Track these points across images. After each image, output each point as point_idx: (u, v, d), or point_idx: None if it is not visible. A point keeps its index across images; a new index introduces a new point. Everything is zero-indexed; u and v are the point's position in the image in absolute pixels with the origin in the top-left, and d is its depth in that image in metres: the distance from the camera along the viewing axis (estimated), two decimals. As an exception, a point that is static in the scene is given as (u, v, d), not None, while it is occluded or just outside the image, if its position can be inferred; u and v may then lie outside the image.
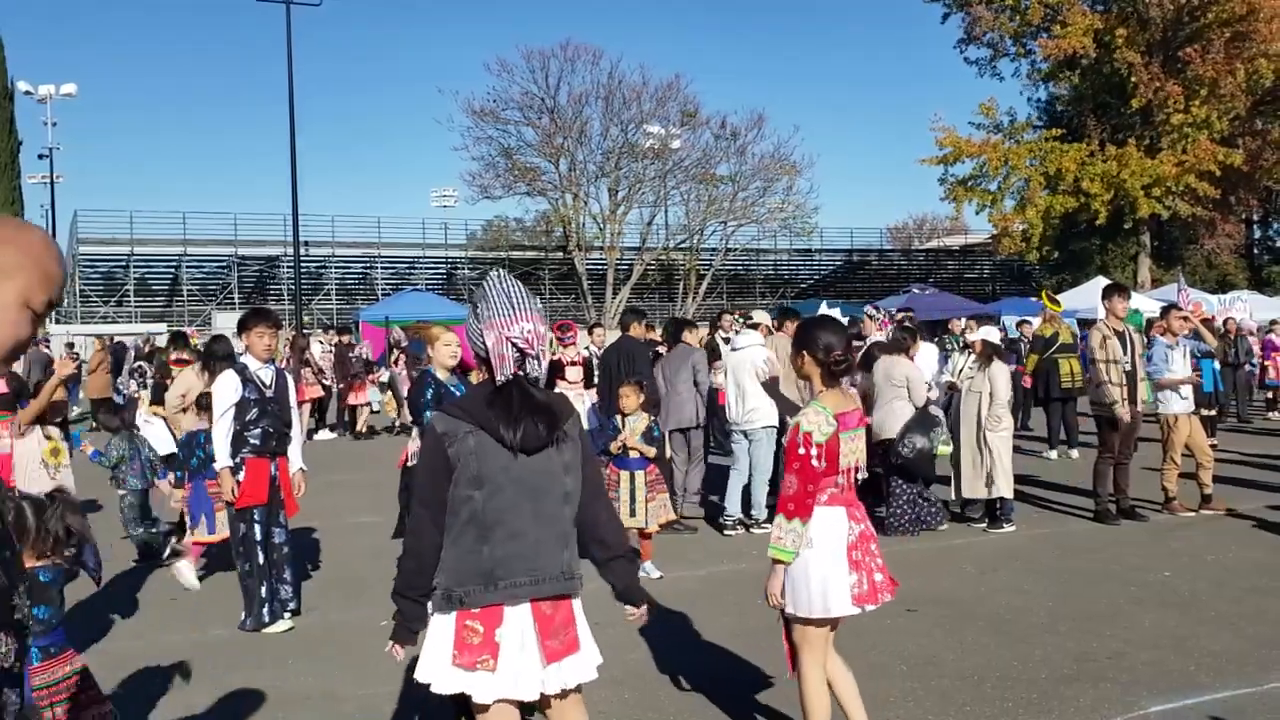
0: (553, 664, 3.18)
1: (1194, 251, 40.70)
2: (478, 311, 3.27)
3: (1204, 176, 32.38)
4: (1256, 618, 6.61)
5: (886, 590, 4.13)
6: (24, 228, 1.78)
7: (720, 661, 5.89)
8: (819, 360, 4.14)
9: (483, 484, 3.14)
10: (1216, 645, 6.04)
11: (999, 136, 36.07)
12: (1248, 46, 32.04)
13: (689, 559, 8.46)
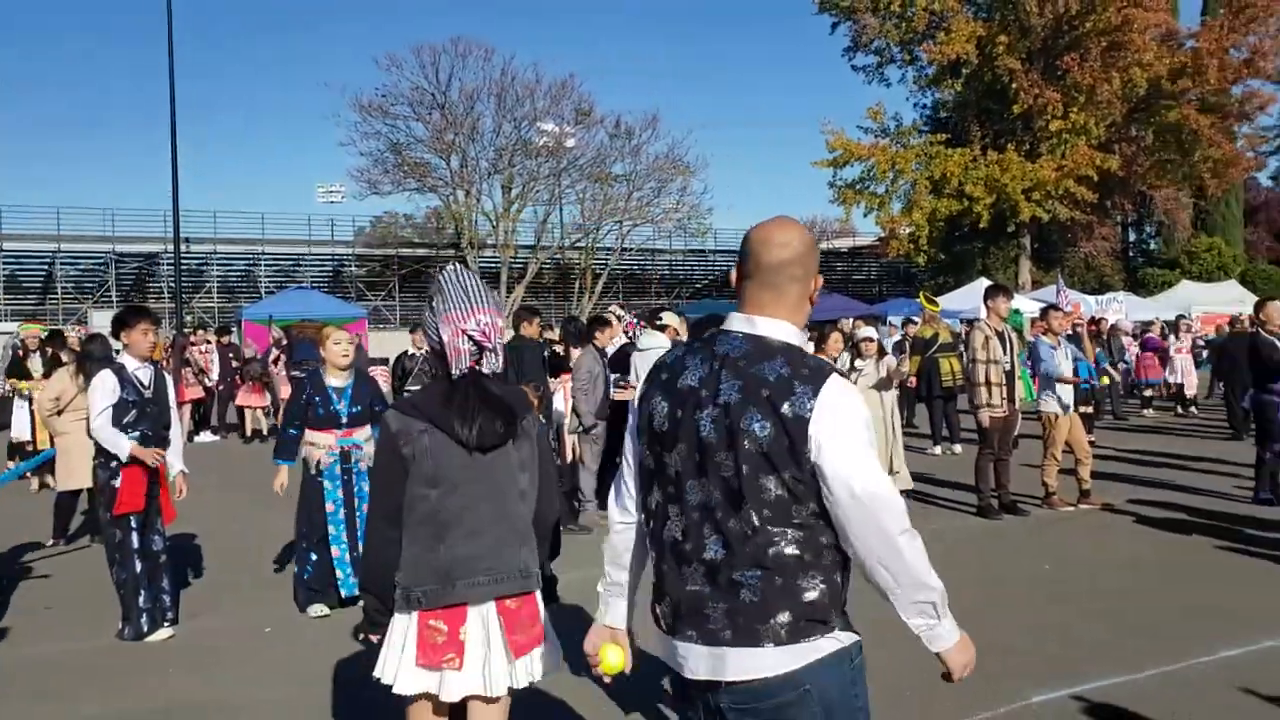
0: (521, 658, 3.17)
1: (1072, 254, 42.12)
2: (433, 305, 3.22)
3: (1082, 181, 33.54)
4: (1135, 609, 6.84)
5: None
6: None
7: None
8: None
9: (438, 483, 3.09)
10: (1097, 636, 6.22)
11: (886, 141, 36.85)
12: (1122, 56, 33.31)
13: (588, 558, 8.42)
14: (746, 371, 2.31)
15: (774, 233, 2.44)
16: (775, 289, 2.42)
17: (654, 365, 2.58)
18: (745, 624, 2.26)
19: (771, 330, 2.39)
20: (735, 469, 2.27)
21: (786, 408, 2.24)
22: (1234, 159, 36.25)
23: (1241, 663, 5.75)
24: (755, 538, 2.26)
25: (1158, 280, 39.53)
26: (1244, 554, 8.29)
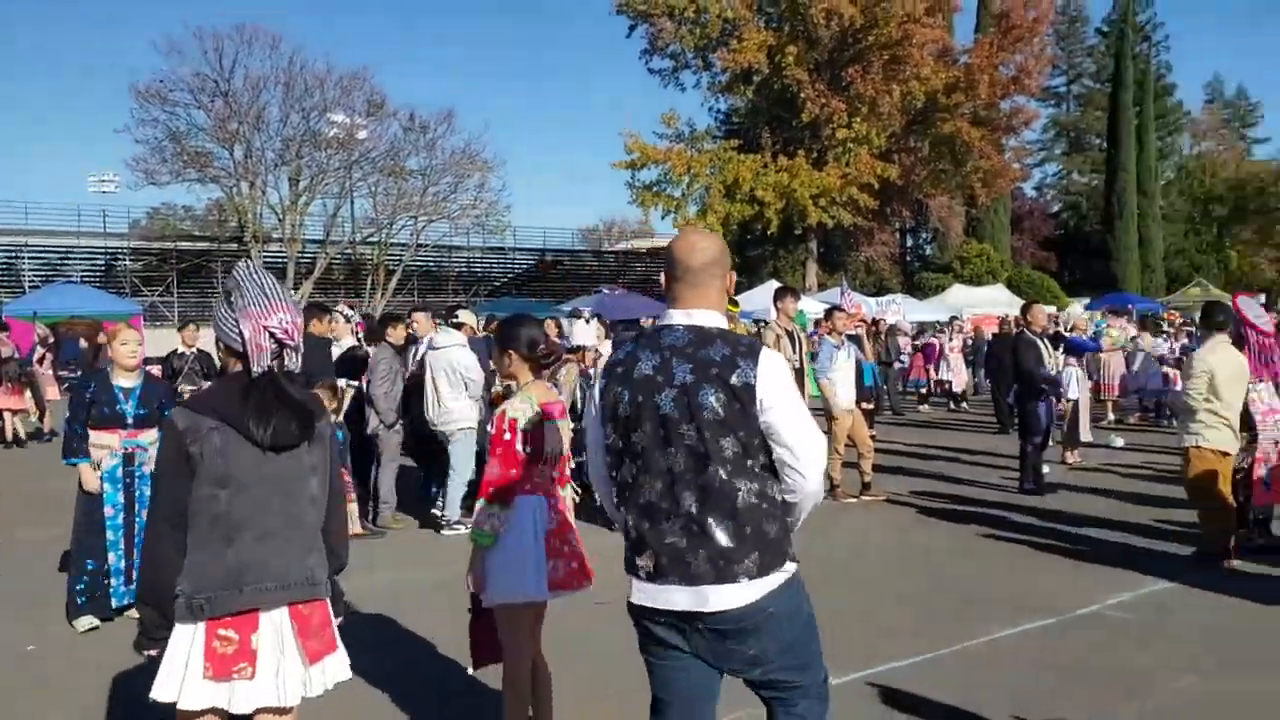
0: (315, 664, 3.09)
1: (855, 258, 43.97)
2: (231, 300, 3.12)
3: (864, 189, 35.00)
4: (919, 594, 7.11)
5: (583, 578, 4.23)
6: None
7: (422, 660, 5.69)
8: (525, 356, 4.24)
9: (228, 483, 2.97)
10: (889, 620, 6.44)
11: (682, 145, 37.46)
12: (902, 69, 34.98)
13: (396, 562, 8.13)
14: (695, 356, 2.87)
15: (696, 241, 3.03)
16: (703, 287, 2.98)
17: (608, 364, 3.09)
18: (724, 566, 2.82)
19: (706, 320, 2.94)
20: (698, 436, 2.82)
21: (735, 379, 2.81)
22: (1002, 170, 38.67)
23: (1016, 641, 6.05)
24: (722, 490, 2.81)
25: (932, 283, 41.73)
26: (1012, 541, 8.77)
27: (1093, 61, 65.80)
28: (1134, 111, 50.83)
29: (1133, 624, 6.40)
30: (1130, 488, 11.14)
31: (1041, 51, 38.05)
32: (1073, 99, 68.18)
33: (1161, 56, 63.12)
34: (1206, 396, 7.64)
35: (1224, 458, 7.72)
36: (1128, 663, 5.68)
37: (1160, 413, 17.40)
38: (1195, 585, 7.15)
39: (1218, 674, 5.48)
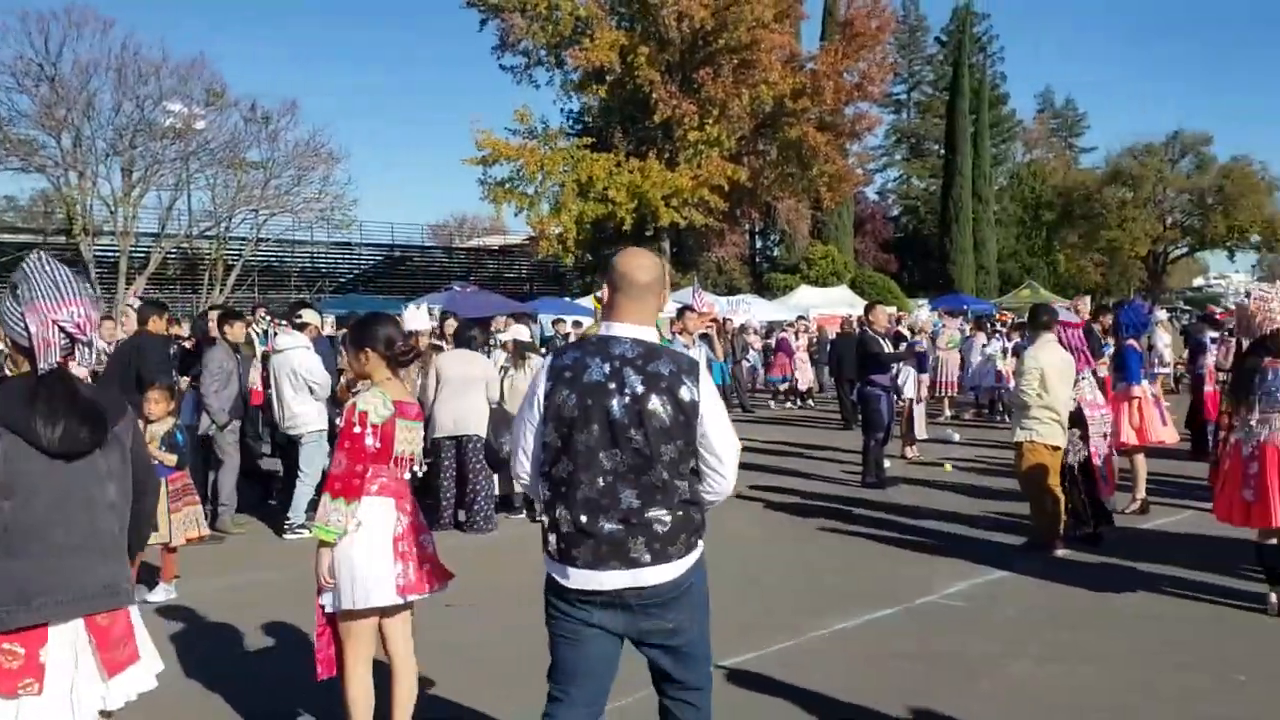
0: (115, 677, 2.91)
1: (706, 258, 44.49)
2: (18, 293, 2.89)
3: (715, 190, 35.45)
4: (769, 587, 7.21)
5: (437, 580, 4.16)
6: None
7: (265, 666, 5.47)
8: (383, 354, 4.16)
9: (12, 492, 2.75)
10: (737, 613, 6.47)
11: (535, 142, 37.24)
12: (752, 74, 35.55)
13: (236, 567, 7.81)
14: (645, 369, 3.20)
15: (643, 260, 3.38)
16: (644, 301, 3.33)
17: (553, 367, 3.30)
18: (660, 550, 3.19)
19: (648, 335, 3.30)
20: (645, 440, 3.16)
21: (683, 394, 3.20)
22: (846, 174, 39.77)
23: (860, 631, 6.20)
24: (662, 488, 3.18)
25: (780, 284, 42.60)
26: (855, 534, 9.00)
27: (932, 70, 68.33)
28: (970, 119, 53.00)
29: (969, 612, 6.63)
30: (965, 480, 11.57)
31: (884, 59, 39.25)
32: (913, 106, 70.64)
33: (996, 67, 66.11)
34: (1038, 393, 7.98)
35: (1054, 452, 8.07)
36: (965, 649, 5.88)
37: (993, 409, 18.14)
38: (1026, 573, 7.46)
39: (1049, 659, 5.72)
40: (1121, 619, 6.42)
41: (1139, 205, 57.75)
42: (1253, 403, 6.21)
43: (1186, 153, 60.05)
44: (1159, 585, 7.04)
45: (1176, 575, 7.24)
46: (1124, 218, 56.75)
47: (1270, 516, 6.08)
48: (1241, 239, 58.62)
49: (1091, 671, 5.49)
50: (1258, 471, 6.12)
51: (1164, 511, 9.46)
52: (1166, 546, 8.15)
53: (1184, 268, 76.58)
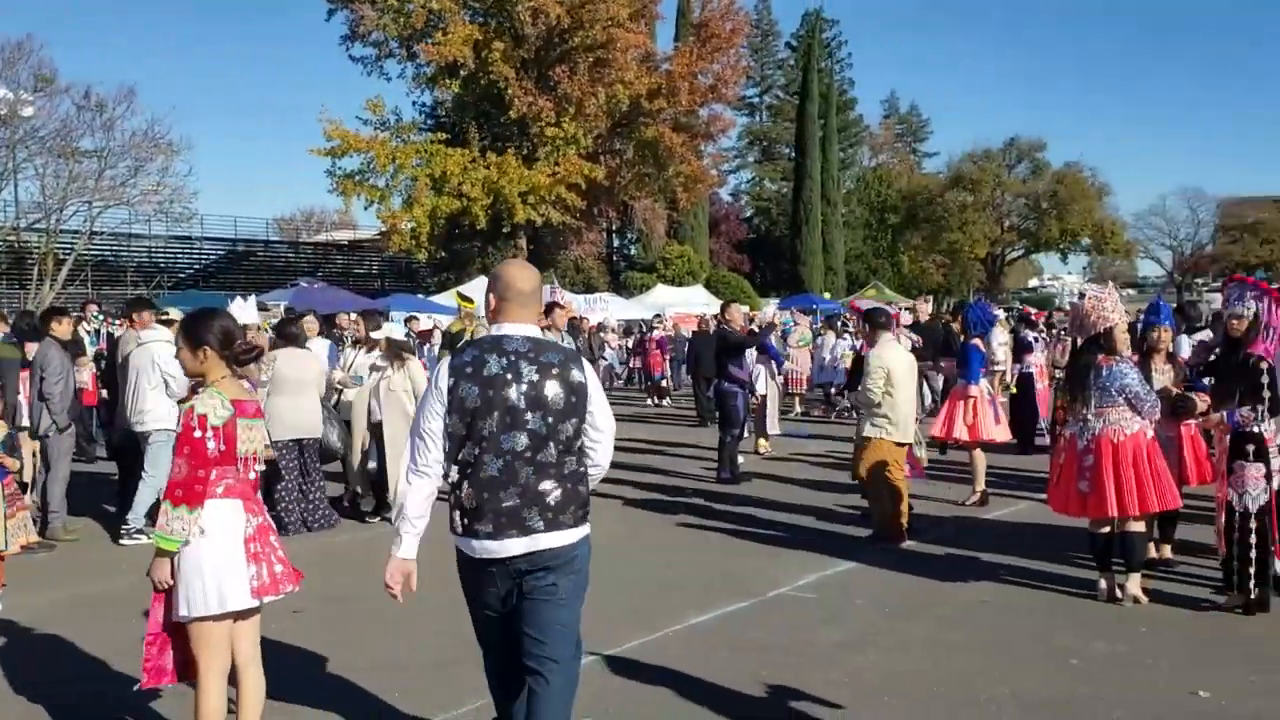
0: None
1: (564, 256, 44.44)
2: None
3: (572, 188, 35.33)
4: (625, 583, 7.18)
5: (289, 581, 4.06)
6: None
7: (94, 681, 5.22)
8: (221, 352, 4.01)
9: None
10: (592, 610, 6.43)
11: (386, 134, 36.45)
12: (608, 72, 35.56)
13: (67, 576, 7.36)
14: (537, 360, 3.67)
15: (526, 271, 3.91)
16: (529, 306, 3.83)
17: (454, 365, 3.70)
18: (554, 518, 3.65)
19: (535, 332, 3.79)
20: (542, 422, 3.62)
21: (574, 377, 3.70)
22: (701, 175, 40.19)
23: (713, 625, 6.24)
24: (556, 464, 3.66)
25: (637, 283, 42.88)
26: (709, 529, 9.07)
27: (783, 74, 69.81)
28: (819, 124, 54.37)
29: (819, 603, 6.75)
30: (816, 475, 11.81)
31: (737, 63, 39.77)
32: (765, 109, 72.04)
33: (845, 73, 67.99)
34: (886, 391, 8.19)
35: (899, 447, 8.30)
36: (815, 640, 5.98)
37: (834, 404, 18.53)
38: (874, 565, 7.65)
39: (895, 647, 5.86)
40: (964, 607, 6.63)
41: (978, 209, 60.21)
42: (1088, 398, 6.49)
43: (1022, 159, 62.93)
44: (999, 574, 7.30)
45: (1015, 564, 7.53)
46: (964, 221, 59.08)
47: (1106, 506, 6.37)
48: (1073, 242, 61.72)
49: (936, 658, 5.64)
50: (1093, 464, 6.41)
51: (1002, 503, 9.83)
52: (1006, 537, 8.46)
53: (1020, 269, 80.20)
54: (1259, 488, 6.13)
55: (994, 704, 4.99)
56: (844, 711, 4.92)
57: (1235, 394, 6.17)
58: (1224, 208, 72.06)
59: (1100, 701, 4.98)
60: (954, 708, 4.96)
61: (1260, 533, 6.12)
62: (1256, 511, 6.13)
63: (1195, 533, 7.61)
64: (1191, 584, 6.93)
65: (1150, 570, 6.91)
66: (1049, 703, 5.00)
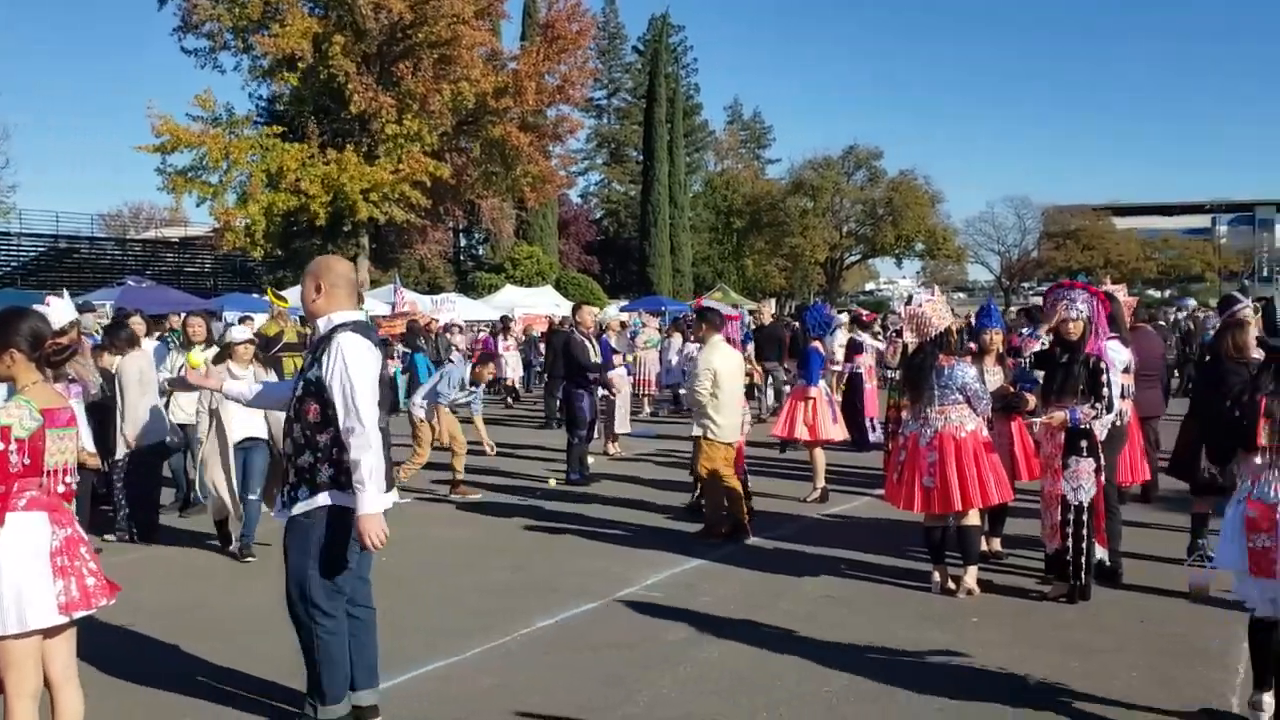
0: None
1: (409, 255, 43.67)
2: None
3: (417, 186, 34.70)
4: (472, 588, 7.08)
5: (103, 594, 3.83)
6: None
7: None
8: (30, 354, 3.75)
9: None
10: (429, 621, 6.31)
11: (219, 129, 35.07)
12: (452, 70, 35.06)
13: None
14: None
15: (345, 263, 4.71)
16: (355, 294, 4.58)
17: (373, 344, 4.45)
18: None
19: (349, 317, 4.48)
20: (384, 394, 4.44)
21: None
22: (550, 176, 40.05)
23: (560, 628, 6.19)
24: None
25: (485, 283, 42.46)
26: (558, 531, 9.01)
27: (630, 78, 70.24)
28: (666, 128, 54.94)
29: (666, 601, 6.77)
30: (664, 475, 11.89)
31: (584, 64, 39.79)
32: (613, 112, 72.36)
33: (691, 78, 68.87)
34: (713, 391, 8.30)
35: (727, 446, 8.42)
36: (662, 637, 6.00)
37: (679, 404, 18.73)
38: (720, 562, 7.73)
39: (741, 641, 5.92)
40: (806, 602, 6.75)
41: (819, 214, 61.80)
42: (931, 397, 6.71)
43: (860, 166, 64.86)
44: (839, 569, 7.48)
45: (854, 559, 7.72)
46: (805, 226, 60.56)
47: (950, 501, 6.59)
48: (908, 247, 63.94)
49: (779, 652, 5.73)
50: (937, 460, 6.63)
51: (842, 499, 10.08)
52: (845, 532, 8.68)
53: (858, 273, 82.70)
54: (1090, 482, 6.44)
55: (833, 695, 5.10)
56: (690, 707, 4.94)
57: (1074, 393, 6.44)
58: (1048, 215, 75.93)
59: (932, 690, 5.14)
60: (796, 699, 5.04)
61: (1087, 524, 6.42)
62: (1086, 505, 6.43)
63: (1017, 526, 7.94)
64: (1019, 575, 7.23)
65: (981, 562, 7.18)
66: (886, 693, 5.13)
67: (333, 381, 4.31)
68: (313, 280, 4.51)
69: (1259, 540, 4.39)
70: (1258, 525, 4.40)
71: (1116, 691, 5.09)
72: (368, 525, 4.26)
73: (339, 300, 4.46)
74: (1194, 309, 26.03)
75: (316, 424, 4.37)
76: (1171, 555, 7.40)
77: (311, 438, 4.40)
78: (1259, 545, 4.39)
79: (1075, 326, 6.53)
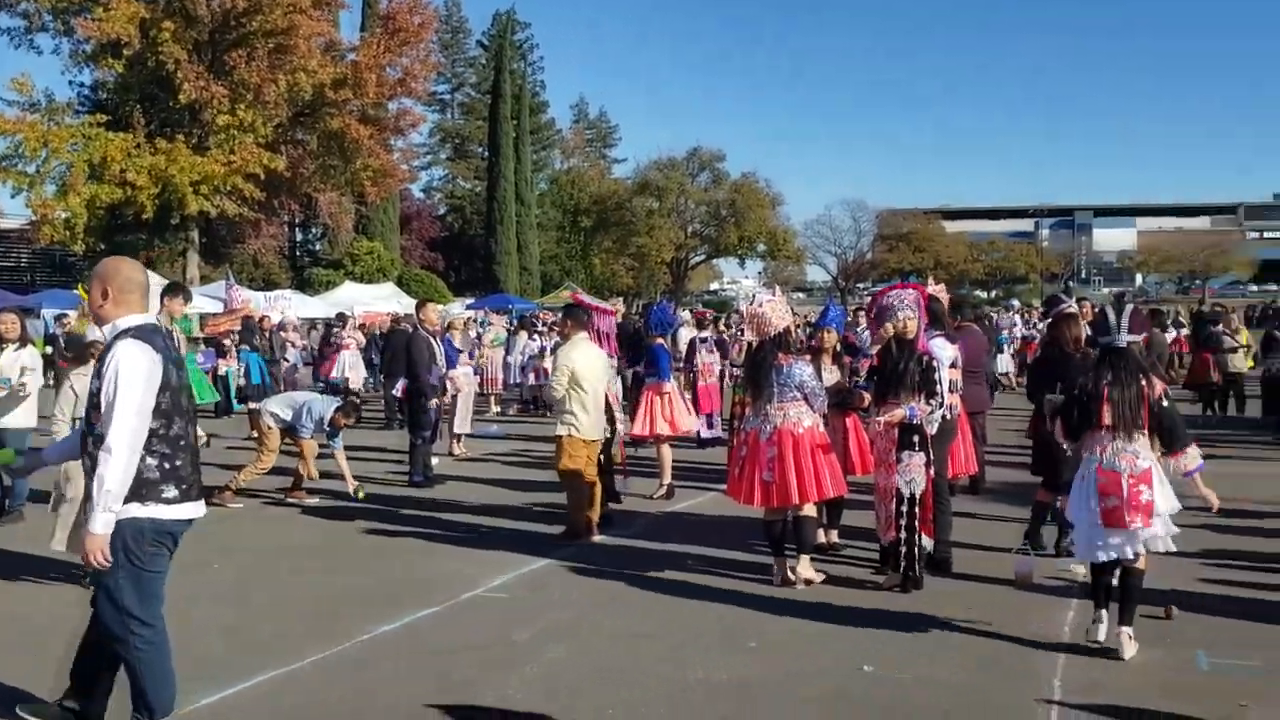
0: None
1: (241, 251, 42.19)
2: None
3: (250, 179, 33.50)
4: (296, 600, 6.84)
5: None
6: None
7: None
8: None
9: None
10: (264, 630, 6.10)
11: (37, 116, 33.10)
12: (289, 60, 33.97)
13: None
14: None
15: (134, 265, 4.52)
16: (141, 299, 4.37)
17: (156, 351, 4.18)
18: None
19: (134, 322, 4.27)
20: (189, 401, 4.42)
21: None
22: (391, 170, 39.25)
23: (402, 632, 6.06)
24: None
25: (323, 280, 41.41)
26: (400, 534, 8.84)
27: (475, 73, 69.60)
28: (512, 124, 54.59)
29: (511, 602, 6.72)
30: (511, 475, 11.80)
31: (427, 57, 39.13)
32: (457, 107, 71.53)
33: (537, 75, 68.68)
34: (570, 389, 8.28)
35: (589, 444, 8.42)
36: (507, 639, 5.94)
37: (536, 404, 18.68)
38: (567, 561, 7.71)
39: (587, 640, 5.92)
40: (653, 598, 6.79)
41: (664, 215, 62.47)
42: (771, 394, 6.85)
43: (704, 168, 65.81)
44: (685, 564, 7.55)
45: (700, 553, 7.82)
46: (651, 226, 61.13)
47: (789, 495, 6.73)
48: (750, 248, 65.23)
49: (627, 649, 5.75)
50: (776, 455, 6.76)
51: (687, 495, 10.20)
52: (690, 528, 8.78)
53: (703, 273, 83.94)
54: (921, 475, 6.68)
55: (681, 690, 5.14)
56: (538, 708, 4.91)
57: (909, 389, 6.67)
58: (882, 218, 78.74)
59: (777, 681, 5.24)
60: (644, 695, 5.06)
61: (917, 516, 6.67)
62: (919, 497, 6.67)
63: (854, 519, 8.17)
64: (856, 566, 7.45)
65: (820, 554, 7.37)
66: (732, 685, 5.20)
67: (104, 391, 4.10)
68: (100, 284, 4.31)
69: (1109, 501, 5.38)
70: (1108, 490, 5.39)
71: (943, 675, 5.29)
72: (90, 544, 4.06)
73: (128, 305, 4.28)
74: (1018, 309, 27.41)
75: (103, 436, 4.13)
76: (999, 545, 7.73)
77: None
78: (1109, 505, 5.38)
79: (910, 324, 6.79)
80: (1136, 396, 5.40)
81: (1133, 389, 5.41)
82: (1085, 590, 6.26)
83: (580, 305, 9.19)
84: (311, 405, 10.23)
